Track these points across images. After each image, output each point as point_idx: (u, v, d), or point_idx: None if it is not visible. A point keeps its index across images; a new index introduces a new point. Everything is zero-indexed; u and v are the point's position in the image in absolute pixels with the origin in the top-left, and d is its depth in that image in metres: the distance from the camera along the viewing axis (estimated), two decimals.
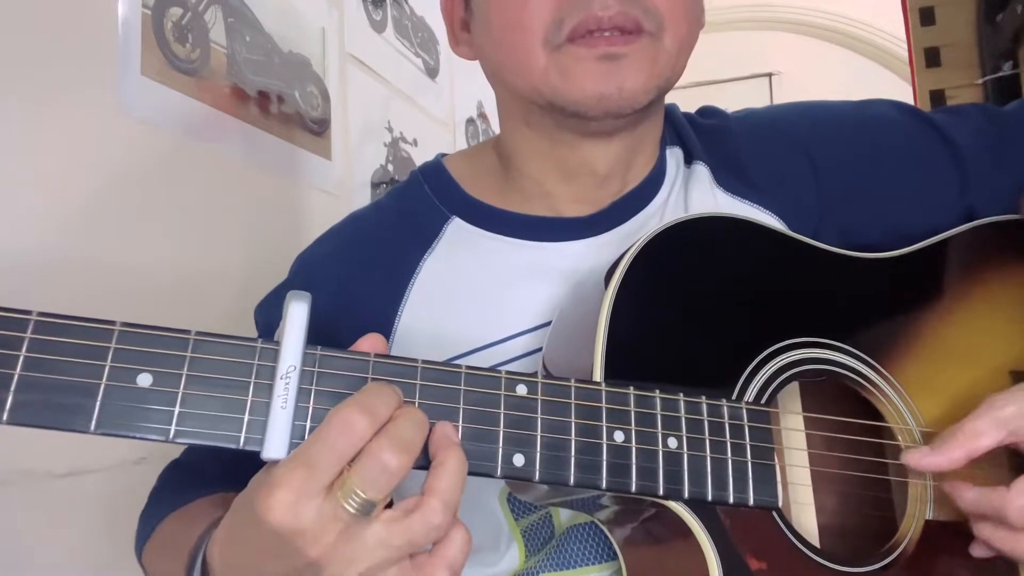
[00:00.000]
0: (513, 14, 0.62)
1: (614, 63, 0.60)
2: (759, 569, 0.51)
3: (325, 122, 1.42)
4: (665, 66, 0.62)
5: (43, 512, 0.85)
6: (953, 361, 0.62)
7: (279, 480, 0.41)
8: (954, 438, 0.54)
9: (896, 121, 0.75)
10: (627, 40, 0.60)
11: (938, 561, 0.57)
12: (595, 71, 0.60)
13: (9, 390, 0.40)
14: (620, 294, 0.53)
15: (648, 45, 0.61)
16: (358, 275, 0.69)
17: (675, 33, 0.62)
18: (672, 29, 0.62)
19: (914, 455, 0.55)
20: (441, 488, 0.42)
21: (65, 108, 0.89)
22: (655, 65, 0.62)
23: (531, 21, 0.61)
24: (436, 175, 0.74)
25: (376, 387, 0.43)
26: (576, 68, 0.60)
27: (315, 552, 0.41)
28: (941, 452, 0.54)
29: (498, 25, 0.64)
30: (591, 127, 0.65)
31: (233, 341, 0.44)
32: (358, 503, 0.41)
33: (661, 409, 0.51)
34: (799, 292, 0.61)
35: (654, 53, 0.61)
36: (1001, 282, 0.66)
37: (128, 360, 0.42)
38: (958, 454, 0.54)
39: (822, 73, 3.48)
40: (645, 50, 0.61)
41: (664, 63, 0.62)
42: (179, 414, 0.42)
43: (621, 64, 0.60)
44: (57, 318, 0.41)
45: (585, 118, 0.63)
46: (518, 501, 0.66)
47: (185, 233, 1.06)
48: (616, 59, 0.60)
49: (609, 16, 0.59)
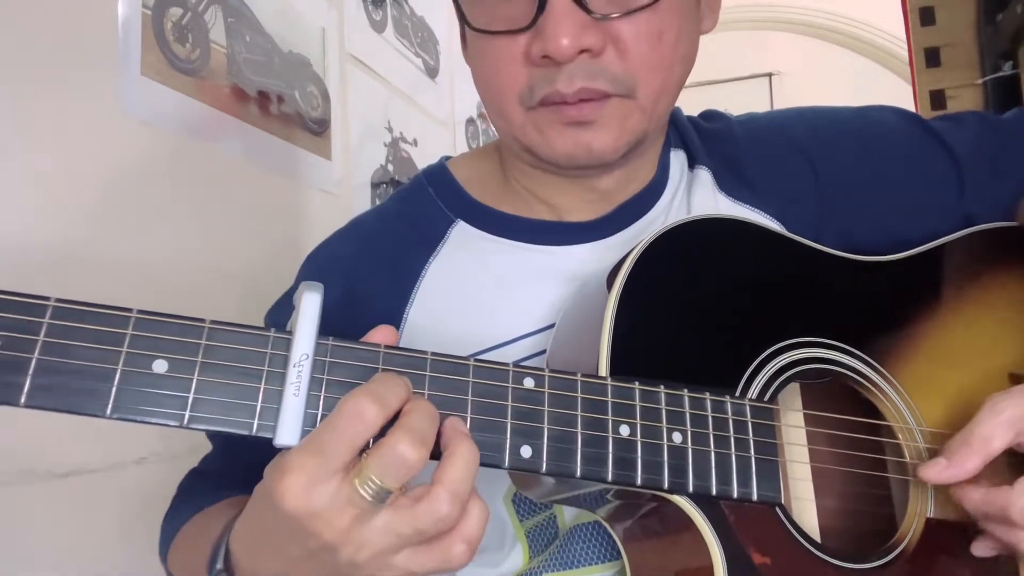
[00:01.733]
0: (492, 73, 0.63)
1: (582, 128, 0.61)
2: (763, 564, 0.51)
3: (325, 122, 1.42)
4: (638, 121, 0.62)
5: (43, 512, 0.85)
6: (952, 362, 0.63)
7: (292, 465, 0.41)
8: (967, 447, 0.54)
9: (896, 127, 0.75)
10: (594, 108, 0.60)
11: (939, 559, 0.57)
12: (564, 134, 0.61)
13: (27, 374, 0.40)
14: (625, 294, 0.54)
15: (618, 106, 0.61)
16: (364, 279, 0.69)
17: (649, 88, 0.61)
18: (645, 86, 0.61)
19: (932, 470, 0.55)
20: (450, 479, 0.43)
21: (65, 108, 0.89)
22: (626, 122, 0.62)
23: (506, 84, 0.62)
24: (440, 178, 0.74)
25: (386, 377, 0.44)
26: (548, 129, 0.62)
27: (330, 535, 0.42)
28: (957, 464, 0.54)
29: (480, 76, 0.65)
30: (575, 173, 0.66)
31: (247, 330, 0.44)
32: (374, 490, 0.41)
33: (666, 404, 0.51)
34: (800, 293, 0.61)
35: (625, 111, 0.61)
36: (999, 286, 0.66)
37: (144, 346, 0.42)
38: (974, 463, 0.54)
39: (822, 73, 3.48)
40: (615, 110, 0.61)
41: (637, 118, 0.62)
42: (193, 400, 0.43)
43: (589, 128, 0.61)
44: (75, 304, 0.42)
45: (563, 171, 0.65)
46: (523, 502, 0.66)
47: (185, 233, 1.06)
48: (583, 125, 0.61)
49: (573, 91, 0.59)
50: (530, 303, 0.66)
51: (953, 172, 0.72)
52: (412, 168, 1.72)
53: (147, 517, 0.95)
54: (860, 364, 0.60)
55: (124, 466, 0.94)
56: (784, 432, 0.56)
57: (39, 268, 0.84)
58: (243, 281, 1.15)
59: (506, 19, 0.59)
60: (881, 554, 0.56)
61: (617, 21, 0.58)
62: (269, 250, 1.22)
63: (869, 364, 0.60)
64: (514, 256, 0.69)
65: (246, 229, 1.19)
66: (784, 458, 0.55)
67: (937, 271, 0.66)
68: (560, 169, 0.65)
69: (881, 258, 0.65)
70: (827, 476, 0.59)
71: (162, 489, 0.97)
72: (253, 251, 1.19)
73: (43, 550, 0.85)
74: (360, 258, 0.71)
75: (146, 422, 0.42)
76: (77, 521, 0.89)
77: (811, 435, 0.59)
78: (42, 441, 0.84)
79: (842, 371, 0.59)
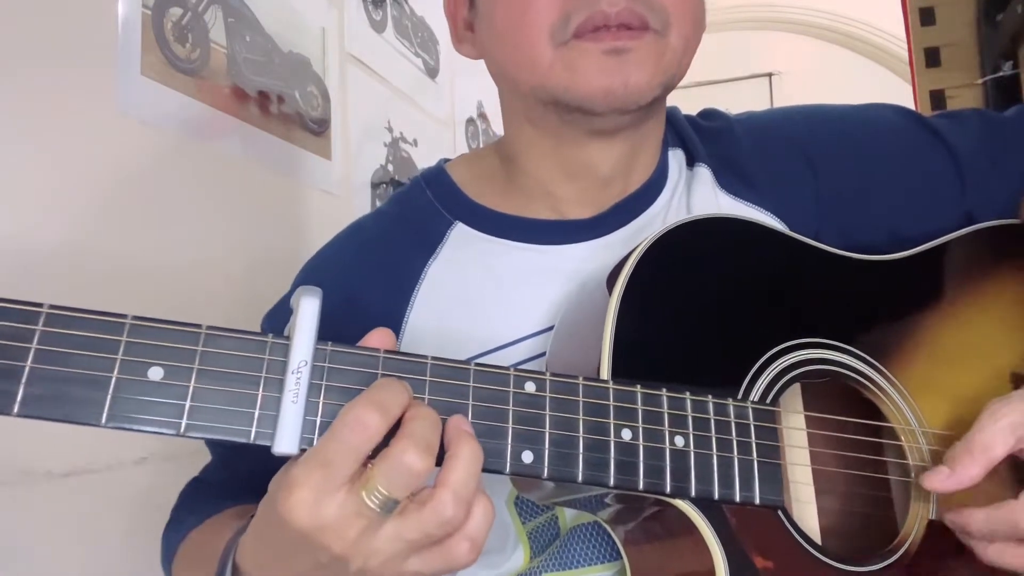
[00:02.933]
0: (519, 11, 0.62)
1: (620, 57, 0.60)
2: (765, 567, 0.51)
3: (325, 122, 1.42)
4: (670, 63, 0.63)
5: (43, 512, 0.85)
6: (954, 362, 0.62)
7: (298, 480, 0.41)
8: (968, 455, 0.54)
9: (896, 125, 0.75)
10: (633, 35, 0.60)
11: (941, 561, 0.57)
12: (601, 65, 0.60)
13: (20, 382, 0.40)
14: (626, 294, 0.53)
15: (653, 41, 0.61)
16: (363, 283, 0.69)
17: (680, 31, 0.62)
18: (677, 27, 0.62)
19: (935, 479, 0.54)
20: (453, 480, 0.42)
21: (65, 108, 0.89)
22: (660, 60, 0.62)
23: (537, 18, 0.61)
24: (438, 180, 0.74)
25: (386, 383, 0.44)
26: (582, 63, 0.61)
27: (339, 547, 0.42)
28: (960, 473, 0.54)
29: (503, 22, 0.64)
30: (595, 124, 0.65)
31: (244, 336, 0.44)
32: (380, 500, 0.41)
33: (668, 407, 0.51)
34: (802, 293, 0.61)
35: (660, 49, 0.62)
36: (1001, 285, 0.66)
37: (139, 354, 0.42)
38: (976, 471, 0.53)
39: (822, 73, 3.48)
40: (651, 46, 0.61)
41: (669, 60, 0.62)
42: (190, 408, 0.42)
43: (627, 59, 0.60)
44: (68, 311, 0.41)
45: (590, 113, 0.63)
46: (525, 504, 0.66)
47: (185, 233, 1.06)
48: (622, 53, 0.60)
49: (616, 12, 0.59)
50: (530, 304, 0.66)
51: (953, 170, 0.72)
52: (412, 168, 1.72)
53: (147, 517, 0.95)
54: (861, 364, 0.59)
55: (124, 466, 0.94)
56: (786, 435, 0.56)
57: (38, 268, 0.84)
58: (243, 281, 1.15)
59: None
60: (883, 556, 0.55)
61: None
62: (269, 250, 1.22)
63: (870, 364, 0.60)
64: (513, 257, 0.69)
65: (246, 229, 1.19)
66: (786, 461, 0.54)
67: (938, 270, 0.66)
68: (586, 118, 0.64)
69: (882, 257, 0.64)
70: (828, 478, 0.59)
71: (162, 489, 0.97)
72: (253, 251, 1.19)
73: (43, 550, 0.85)
74: (359, 263, 0.71)
75: (142, 431, 0.41)
76: (77, 521, 0.88)
77: (812, 437, 0.59)
78: (42, 441, 0.83)
79: (843, 372, 0.59)
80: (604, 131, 0.66)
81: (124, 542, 0.94)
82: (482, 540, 0.44)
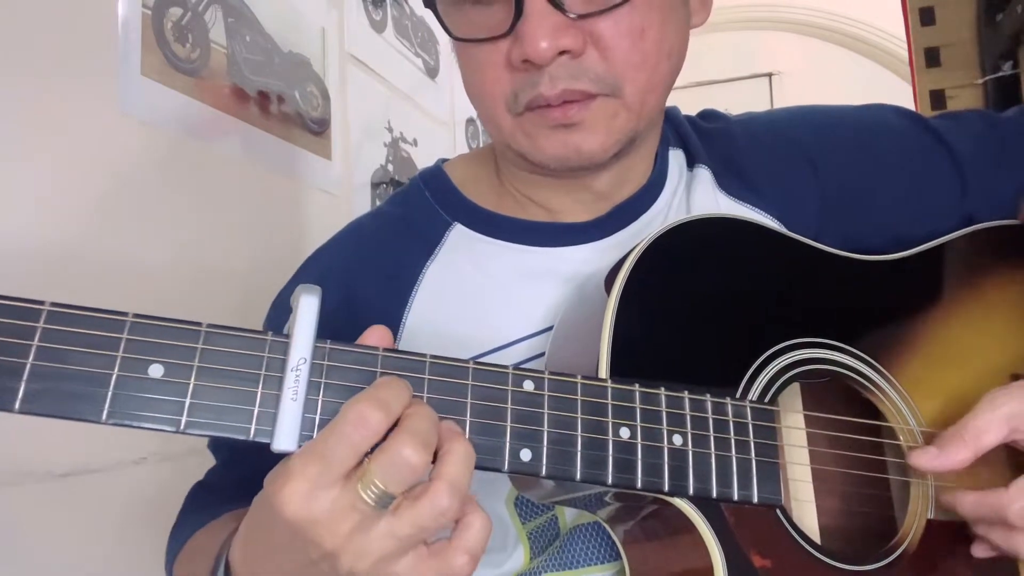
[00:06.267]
0: (478, 80, 0.63)
1: (569, 130, 0.60)
2: (763, 566, 0.51)
3: (325, 122, 1.42)
4: (626, 120, 0.61)
5: (43, 512, 0.85)
6: (954, 362, 0.62)
7: (294, 471, 0.41)
8: (959, 438, 0.54)
9: (897, 126, 0.75)
10: (580, 107, 0.59)
11: (940, 560, 0.57)
12: (552, 137, 0.61)
13: (21, 379, 0.40)
14: (625, 294, 0.53)
15: (604, 105, 0.60)
16: (362, 284, 0.69)
17: (635, 85, 0.60)
18: (631, 82, 0.60)
19: (921, 457, 0.55)
20: (447, 472, 0.42)
21: (65, 108, 0.89)
22: (614, 122, 0.61)
23: (492, 90, 0.62)
24: (437, 181, 0.74)
25: (388, 381, 0.44)
26: (536, 133, 0.61)
27: (330, 542, 0.41)
28: (948, 454, 0.54)
29: (468, 85, 0.66)
30: (566, 176, 0.66)
31: (244, 334, 0.44)
32: (376, 495, 0.41)
33: (666, 406, 0.51)
34: (801, 293, 0.61)
35: (612, 110, 0.60)
36: (1001, 285, 0.66)
37: (140, 351, 0.42)
38: (965, 454, 0.54)
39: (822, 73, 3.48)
40: (601, 110, 0.60)
41: (625, 117, 0.61)
42: (190, 405, 0.42)
43: (575, 130, 0.60)
44: (69, 308, 0.41)
45: (555, 173, 0.65)
46: (525, 505, 0.66)
47: (185, 233, 1.06)
48: (570, 127, 0.60)
49: (556, 94, 0.58)
50: (529, 305, 0.66)
51: (954, 171, 0.72)
52: (412, 168, 1.72)
53: (147, 517, 0.95)
54: (860, 364, 0.59)
55: (124, 466, 0.94)
56: (784, 434, 0.56)
57: (38, 268, 0.84)
58: (243, 280, 1.15)
59: (486, 27, 0.59)
60: (882, 555, 0.55)
61: (596, 20, 0.57)
62: (269, 250, 1.22)
63: (869, 364, 0.60)
64: (512, 258, 0.69)
65: (246, 229, 1.19)
66: (783, 460, 0.54)
67: (938, 270, 0.66)
68: (552, 172, 0.65)
69: (881, 257, 0.64)
70: (827, 477, 0.59)
71: (162, 489, 0.97)
72: (253, 251, 1.19)
73: (43, 550, 0.85)
74: (357, 263, 0.71)
75: (142, 427, 0.41)
76: (76, 521, 0.89)
77: (811, 436, 0.59)
78: (42, 441, 0.84)
79: (842, 371, 0.59)
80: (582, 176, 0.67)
81: (123, 542, 0.94)
82: (479, 554, 0.44)
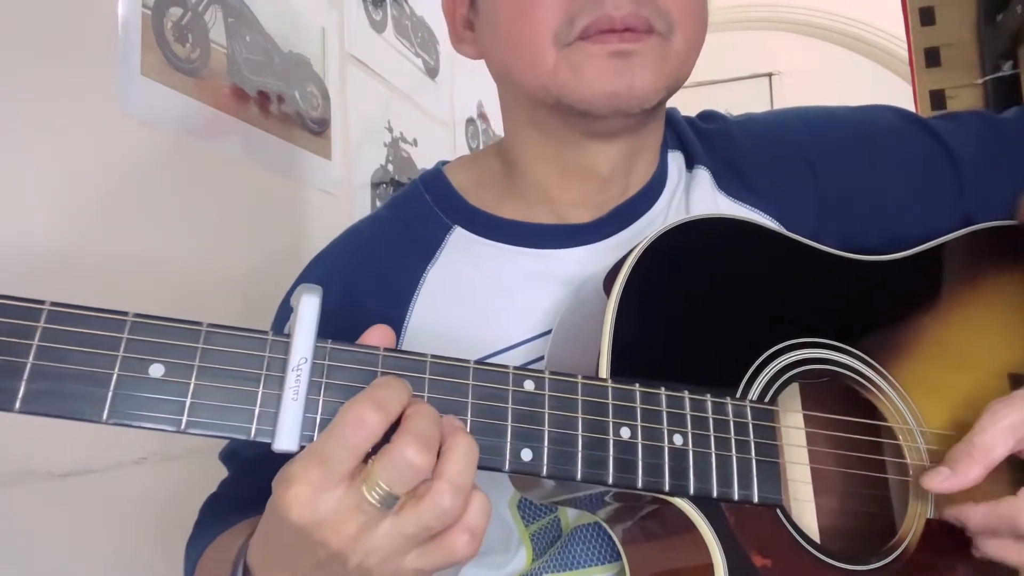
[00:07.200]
0: (522, 12, 0.62)
1: (625, 60, 0.60)
2: (763, 566, 0.51)
3: (325, 122, 1.42)
4: (674, 66, 0.62)
5: (43, 512, 0.85)
6: (953, 362, 0.63)
7: (295, 476, 0.41)
8: (969, 456, 0.54)
9: (896, 127, 0.75)
10: (637, 38, 0.60)
11: (940, 560, 0.57)
12: (606, 68, 0.60)
13: (22, 379, 0.40)
14: (624, 294, 0.54)
15: (658, 45, 0.61)
16: (362, 288, 0.69)
17: (684, 34, 0.62)
18: (682, 30, 0.62)
19: (934, 479, 0.54)
20: (449, 471, 0.42)
21: (65, 108, 0.89)
22: (665, 64, 0.62)
23: (541, 19, 0.61)
24: (437, 184, 0.74)
25: (386, 381, 0.44)
26: (587, 65, 0.60)
27: (337, 543, 0.42)
28: (960, 473, 0.54)
29: (506, 22, 0.64)
30: (597, 126, 0.65)
31: (244, 333, 0.44)
32: (380, 495, 0.41)
33: (667, 406, 0.51)
34: (800, 293, 0.61)
35: (664, 53, 0.61)
36: (999, 286, 0.67)
37: (140, 351, 0.42)
38: (976, 472, 0.53)
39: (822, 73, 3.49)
40: (655, 49, 0.61)
41: (673, 63, 0.62)
42: (191, 405, 0.42)
43: (632, 62, 0.60)
44: (70, 308, 0.41)
45: (593, 116, 0.63)
46: (528, 507, 0.66)
47: (185, 233, 1.06)
48: (627, 56, 0.60)
49: (621, 16, 0.59)
50: (529, 308, 0.66)
51: (953, 172, 0.72)
52: (412, 168, 1.72)
53: (147, 517, 0.95)
54: (860, 364, 0.59)
55: (124, 466, 0.94)
56: (784, 433, 0.56)
57: (38, 268, 0.84)
58: (243, 281, 1.15)
59: None
60: (881, 555, 0.56)
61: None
62: (269, 250, 1.22)
63: (869, 364, 0.60)
64: (512, 261, 0.69)
65: (246, 229, 1.19)
66: (783, 459, 0.54)
67: (937, 270, 0.66)
68: (588, 121, 0.64)
69: (880, 258, 0.64)
70: (827, 477, 0.59)
71: (162, 489, 0.97)
72: (253, 251, 1.19)
73: (43, 550, 0.85)
74: (358, 267, 0.71)
75: (143, 427, 0.41)
76: (76, 521, 0.89)
77: (811, 436, 0.59)
78: (42, 441, 0.83)
79: (842, 371, 0.59)
80: (605, 133, 0.66)
81: (123, 542, 0.94)
82: (481, 531, 0.44)
